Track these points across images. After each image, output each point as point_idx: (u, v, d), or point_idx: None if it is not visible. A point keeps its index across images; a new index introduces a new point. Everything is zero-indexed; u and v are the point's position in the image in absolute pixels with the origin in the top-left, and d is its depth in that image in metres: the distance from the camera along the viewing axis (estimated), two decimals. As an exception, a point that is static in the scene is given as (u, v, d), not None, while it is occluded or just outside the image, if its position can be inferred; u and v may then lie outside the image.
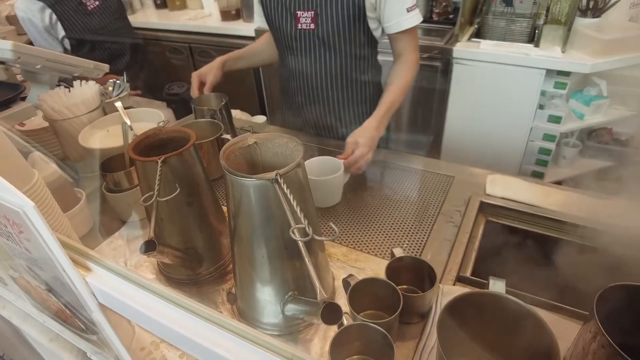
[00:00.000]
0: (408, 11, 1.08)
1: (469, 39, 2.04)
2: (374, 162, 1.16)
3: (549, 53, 1.79)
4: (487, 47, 1.92)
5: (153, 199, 0.58)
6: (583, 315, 0.69)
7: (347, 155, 0.99)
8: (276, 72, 2.56)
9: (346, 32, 1.11)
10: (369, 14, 1.08)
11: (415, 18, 1.10)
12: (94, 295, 0.50)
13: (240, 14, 2.55)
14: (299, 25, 1.13)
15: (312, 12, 1.10)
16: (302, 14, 1.11)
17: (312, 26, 1.11)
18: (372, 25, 1.12)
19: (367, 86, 1.26)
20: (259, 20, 1.29)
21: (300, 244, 0.47)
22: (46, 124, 1.15)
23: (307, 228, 0.45)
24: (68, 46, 1.93)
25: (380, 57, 1.27)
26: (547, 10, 1.98)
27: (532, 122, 1.97)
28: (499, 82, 1.94)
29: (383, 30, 1.14)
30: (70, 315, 0.60)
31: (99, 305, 0.51)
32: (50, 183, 0.87)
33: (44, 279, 0.56)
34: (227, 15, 2.54)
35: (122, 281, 0.47)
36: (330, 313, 0.43)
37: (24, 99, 1.31)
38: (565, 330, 0.67)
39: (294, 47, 1.18)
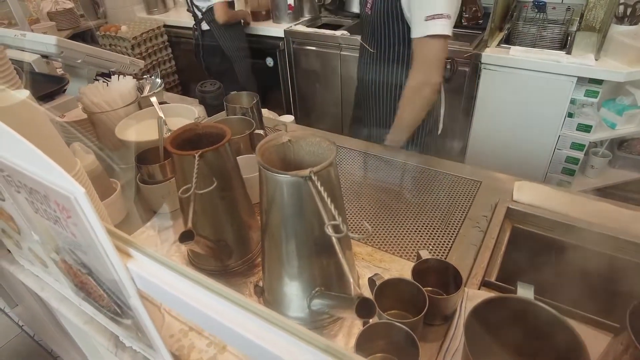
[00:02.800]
0: (426, 20, 1.03)
1: (498, 45, 2.02)
2: (402, 164, 1.16)
3: (582, 60, 1.75)
4: (517, 53, 1.89)
5: (191, 191, 0.61)
6: (612, 327, 0.68)
7: None
8: (303, 73, 2.59)
9: (387, 25, 1.18)
10: (405, 13, 1.13)
11: (430, 28, 1.03)
12: (133, 280, 0.52)
13: (270, 15, 2.58)
14: (367, 9, 1.24)
15: (371, 0, 1.21)
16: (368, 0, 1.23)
17: (369, 12, 1.22)
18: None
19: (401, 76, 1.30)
20: None
21: (334, 240, 0.49)
22: (84, 115, 1.19)
23: (341, 225, 0.47)
24: None
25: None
26: (581, 17, 1.95)
27: (560, 130, 1.94)
28: (527, 88, 1.92)
29: None
30: (108, 299, 0.63)
31: (137, 290, 0.54)
32: (89, 172, 0.91)
33: (86, 263, 0.59)
34: (257, 15, 2.58)
35: (161, 268, 0.49)
36: (365, 308, 0.44)
37: (63, 91, 1.36)
38: (593, 341, 0.66)
39: (363, 27, 1.33)
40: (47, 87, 1.25)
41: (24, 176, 0.51)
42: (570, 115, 1.90)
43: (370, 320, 0.63)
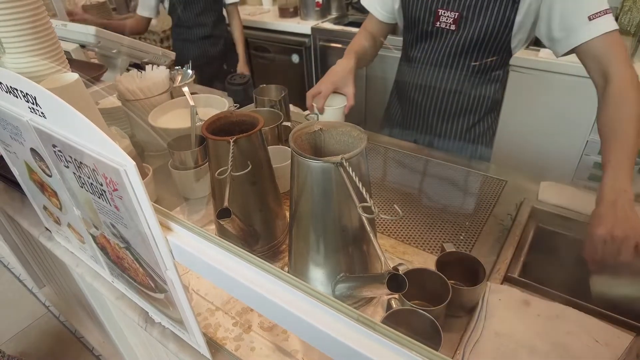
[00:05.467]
0: (590, 20, 0.93)
1: (527, 47, 2.00)
2: (426, 160, 1.17)
3: (614, 65, 1.72)
4: (546, 55, 1.87)
5: (227, 173, 0.63)
6: (634, 326, 0.68)
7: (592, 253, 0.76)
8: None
9: (485, 40, 1.08)
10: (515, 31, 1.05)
11: (601, 26, 0.93)
12: (172, 253, 0.55)
13: (297, 12, 2.61)
14: (438, 23, 1.11)
15: (456, 14, 1.07)
16: (444, 12, 1.08)
17: (453, 27, 1.09)
18: (514, 42, 1.09)
19: (485, 100, 1.28)
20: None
21: (365, 221, 0.50)
22: (118, 103, 1.24)
23: (372, 207, 0.48)
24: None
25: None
26: (615, 20, 1.91)
27: (589, 136, 1.90)
28: (556, 92, 1.89)
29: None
30: (143, 273, 0.66)
31: (174, 262, 0.57)
32: (125, 156, 0.95)
33: (125, 236, 0.62)
34: (285, 12, 2.61)
35: (200, 240, 0.52)
36: (396, 282, 0.46)
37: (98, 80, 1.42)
38: (615, 340, 0.66)
39: (428, 40, 1.16)
40: (87, 73, 1.30)
41: (76, 150, 0.54)
42: (599, 120, 1.86)
43: (394, 305, 0.65)
